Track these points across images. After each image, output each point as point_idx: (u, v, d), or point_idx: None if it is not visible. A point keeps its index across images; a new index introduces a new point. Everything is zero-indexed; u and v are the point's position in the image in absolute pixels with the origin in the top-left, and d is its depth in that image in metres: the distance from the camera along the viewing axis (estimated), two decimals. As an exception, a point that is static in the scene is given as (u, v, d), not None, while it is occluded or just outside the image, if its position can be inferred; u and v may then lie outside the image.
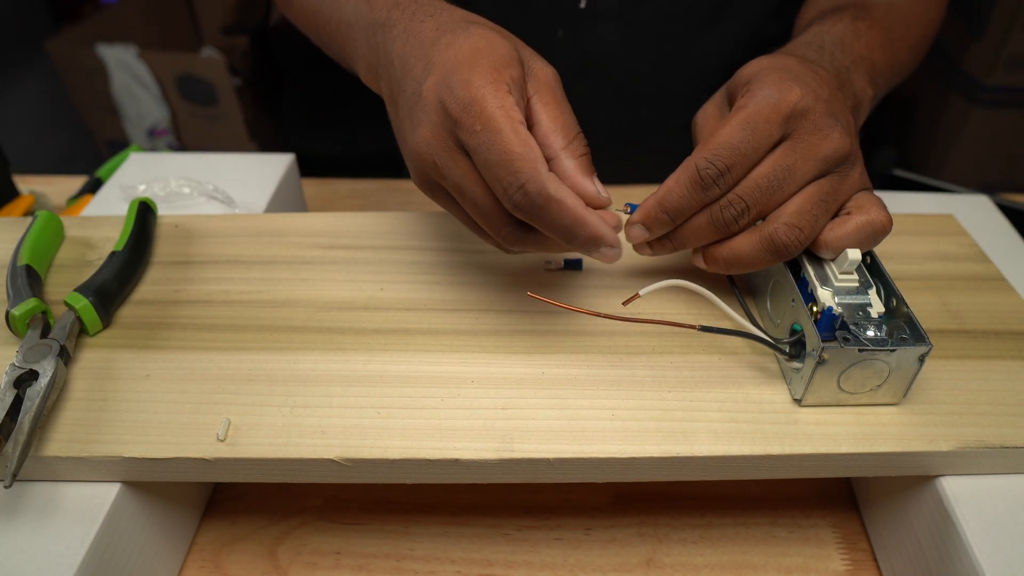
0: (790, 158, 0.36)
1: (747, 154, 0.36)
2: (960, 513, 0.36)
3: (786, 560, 0.43)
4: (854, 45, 0.47)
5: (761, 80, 0.37)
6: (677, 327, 0.37)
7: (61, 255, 0.48)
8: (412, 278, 0.46)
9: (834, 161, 0.37)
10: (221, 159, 0.62)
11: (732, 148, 0.36)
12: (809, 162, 0.37)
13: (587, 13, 0.60)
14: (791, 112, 0.36)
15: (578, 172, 0.36)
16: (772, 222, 0.37)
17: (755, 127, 0.36)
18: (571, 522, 0.45)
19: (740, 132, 0.36)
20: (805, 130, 0.37)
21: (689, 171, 0.36)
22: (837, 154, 0.37)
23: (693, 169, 0.36)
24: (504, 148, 0.33)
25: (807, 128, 0.37)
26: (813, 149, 0.37)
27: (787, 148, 0.37)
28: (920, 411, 0.38)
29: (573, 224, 0.34)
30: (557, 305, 0.37)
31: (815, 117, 0.37)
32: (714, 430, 0.37)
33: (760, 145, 0.36)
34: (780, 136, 0.37)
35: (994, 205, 0.59)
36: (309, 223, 0.51)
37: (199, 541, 0.44)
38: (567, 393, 0.39)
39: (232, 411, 0.37)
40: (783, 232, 0.36)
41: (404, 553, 0.43)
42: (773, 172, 0.36)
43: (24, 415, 0.35)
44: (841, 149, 0.37)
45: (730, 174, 0.36)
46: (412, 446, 0.36)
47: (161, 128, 1.84)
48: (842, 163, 0.38)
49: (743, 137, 0.36)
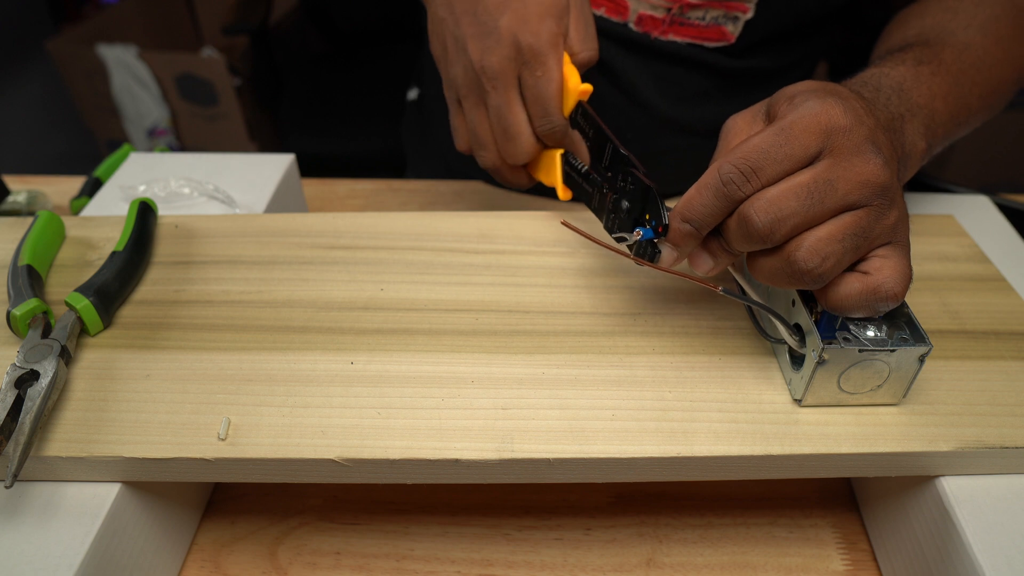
0: (832, 172, 0.33)
1: (778, 160, 0.33)
2: (960, 513, 0.36)
3: (786, 560, 0.43)
4: (912, 93, 0.44)
5: (805, 95, 0.35)
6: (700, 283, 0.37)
7: (62, 255, 0.48)
8: (412, 278, 0.46)
9: (874, 190, 0.33)
10: (221, 159, 0.62)
11: (762, 152, 0.33)
12: (851, 183, 0.33)
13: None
14: (831, 126, 0.33)
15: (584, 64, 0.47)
16: (795, 243, 0.33)
17: (791, 134, 0.33)
18: (571, 522, 0.45)
19: (773, 137, 0.33)
20: (847, 149, 0.33)
21: (711, 178, 0.34)
22: (878, 181, 0.33)
23: (715, 176, 0.34)
24: (551, 93, 0.44)
25: (848, 148, 0.33)
26: (855, 170, 0.33)
27: (829, 163, 0.33)
28: (920, 411, 0.38)
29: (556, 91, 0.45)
30: (588, 237, 0.38)
31: (857, 139, 0.33)
32: (714, 430, 0.37)
33: (794, 153, 0.33)
34: (818, 149, 0.33)
35: (994, 205, 0.59)
36: (309, 223, 0.51)
37: (199, 541, 0.44)
38: (567, 393, 0.39)
39: (232, 411, 0.37)
40: (803, 256, 0.33)
41: (404, 553, 0.43)
42: (814, 183, 0.33)
43: (25, 415, 0.35)
44: (882, 178, 0.33)
45: (756, 177, 0.33)
46: (412, 446, 0.36)
47: (161, 128, 1.84)
48: (881, 196, 0.34)
49: (776, 142, 0.33)
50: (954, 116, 0.47)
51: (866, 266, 0.35)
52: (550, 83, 0.44)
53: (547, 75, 0.44)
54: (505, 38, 0.44)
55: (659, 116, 0.65)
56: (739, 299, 0.38)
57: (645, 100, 0.64)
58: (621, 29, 0.60)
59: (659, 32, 0.60)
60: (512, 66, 0.44)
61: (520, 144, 0.46)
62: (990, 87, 0.50)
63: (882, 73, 0.45)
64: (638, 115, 0.65)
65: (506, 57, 0.44)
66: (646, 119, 0.65)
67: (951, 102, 0.46)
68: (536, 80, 0.44)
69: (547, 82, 0.44)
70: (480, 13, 0.45)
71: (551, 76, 0.44)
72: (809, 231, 0.33)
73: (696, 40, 0.61)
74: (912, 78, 0.45)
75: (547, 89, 0.44)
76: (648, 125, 0.66)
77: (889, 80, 0.44)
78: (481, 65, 0.45)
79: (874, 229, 0.34)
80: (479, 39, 0.45)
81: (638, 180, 0.39)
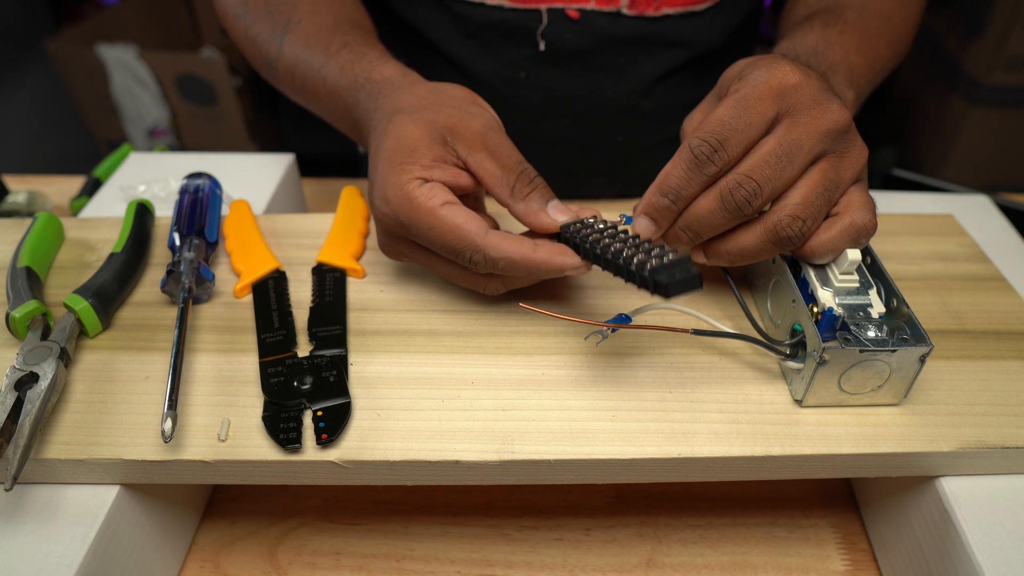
0: (794, 132, 0.36)
1: (740, 128, 0.35)
2: (960, 513, 0.36)
3: (786, 560, 0.43)
4: (827, 52, 0.47)
5: (751, 68, 0.37)
6: (671, 331, 0.37)
7: (60, 257, 0.48)
8: (412, 278, 0.46)
9: (836, 136, 0.36)
10: (221, 159, 0.62)
11: (723, 123, 0.35)
12: (813, 135, 0.36)
13: (547, 55, 0.61)
14: (783, 87, 0.36)
15: (529, 213, 0.39)
16: (776, 213, 0.36)
17: (747, 104, 0.36)
18: (571, 522, 0.45)
19: (731, 109, 0.36)
20: (803, 104, 0.36)
21: (683, 153, 0.36)
22: (839, 126, 0.36)
23: (686, 150, 0.36)
24: (439, 239, 0.38)
25: (804, 102, 0.36)
26: (815, 122, 0.36)
27: (789, 123, 0.36)
28: (921, 411, 0.38)
29: (527, 269, 0.38)
30: (550, 315, 0.37)
31: (811, 91, 0.36)
32: (715, 431, 0.37)
33: (753, 121, 0.36)
34: (775, 113, 0.36)
35: (994, 205, 0.59)
36: (309, 223, 0.51)
37: (199, 541, 0.44)
38: (567, 394, 0.39)
39: (232, 413, 0.37)
40: (787, 224, 0.36)
41: (404, 553, 0.43)
42: (780, 147, 0.35)
43: (25, 418, 0.34)
44: (841, 121, 0.36)
45: (724, 149, 0.35)
46: (412, 448, 0.36)
47: (161, 128, 1.84)
48: (843, 140, 0.37)
49: (734, 113, 0.36)
50: (870, 66, 0.51)
51: (838, 208, 0.38)
52: (428, 232, 0.38)
53: (418, 225, 0.38)
54: (376, 218, 0.41)
55: (650, 110, 0.66)
56: (712, 336, 0.39)
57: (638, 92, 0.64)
58: (614, 19, 0.60)
59: (653, 9, 0.60)
60: (395, 239, 0.42)
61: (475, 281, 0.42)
62: (895, 35, 0.55)
63: (795, 43, 0.48)
64: (630, 111, 0.66)
65: (387, 234, 0.42)
66: (637, 115, 0.66)
67: (864, 54, 0.50)
68: (418, 239, 0.40)
69: (425, 232, 0.39)
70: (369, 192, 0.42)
71: (424, 224, 0.38)
72: (786, 197, 0.36)
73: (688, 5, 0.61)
74: (823, 41, 0.48)
75: (433, 239, 0.39)
76: (638, 120, 0.66)
77: (803, 47, 0.47)
78: (382, 246, 0.43)
79: (842, 176, 0.37)
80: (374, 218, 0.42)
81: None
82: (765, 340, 0.38)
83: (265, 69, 0.56)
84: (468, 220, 0.38)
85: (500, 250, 0.38)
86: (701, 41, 0.63)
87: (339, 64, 0.49)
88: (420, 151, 0.39)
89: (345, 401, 0.37)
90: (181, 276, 0.42)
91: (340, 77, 0.48)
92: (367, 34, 0.53)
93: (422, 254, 0.41)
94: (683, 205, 0.37)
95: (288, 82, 0.54)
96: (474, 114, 0.41)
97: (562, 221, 0.39)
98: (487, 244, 0.38)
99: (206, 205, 0.49)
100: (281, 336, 0.41)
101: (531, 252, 0.38)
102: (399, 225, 0.39)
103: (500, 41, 0.62)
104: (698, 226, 0.37)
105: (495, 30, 0.61)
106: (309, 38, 0.52)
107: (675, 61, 0.64)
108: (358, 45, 0.50)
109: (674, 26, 0.62)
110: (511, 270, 0.38)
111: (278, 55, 0.53)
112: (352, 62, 0.48)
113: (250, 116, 1.84)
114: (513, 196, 0.39)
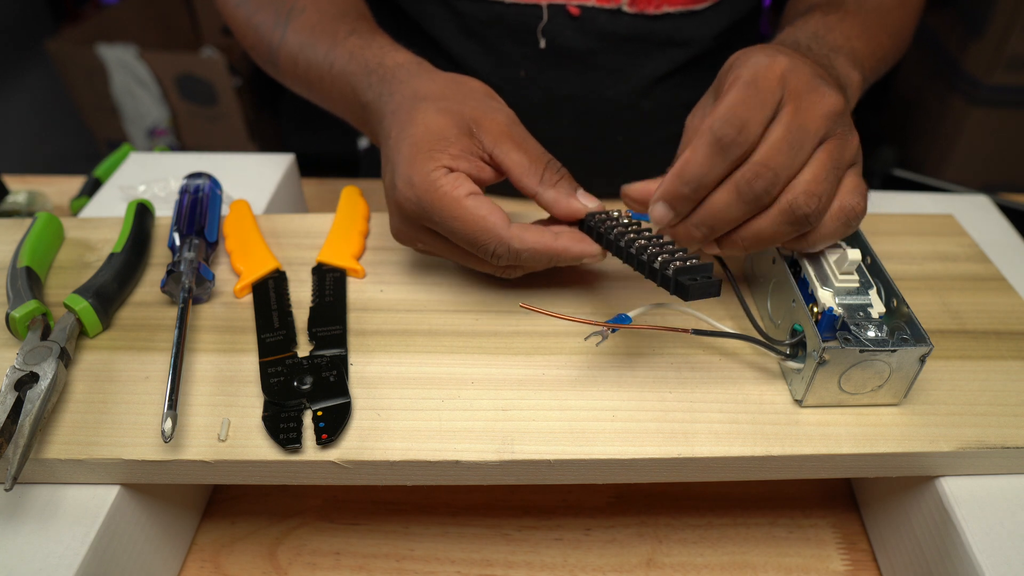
0: (799, 117, 0.35)
1: (757, 108, 0.35)
2: (960, 513, 0.36)
3: (786, 560, 0.43)
4: (828, 37, 0.47)
5: (747, 56, 0.37)
6: (671, 331, 0.37)
7: (60, 257, 0.48)
8: (412, 278, 0.46)
9: (835, 119, 0.36)
10: (221, 159, 0.62)
11: (742, 103, 0.34)
12: (817, 119, 0.36)
13: (547, 53, 0.61)
14: (783, 72, 0.36)
15: (559, 200, 0.41)
16: (790, 192, 0.36)
17: (758, 86, 0.35)
18: (571, 522, 0.45)
19: (743, 92, 0.35)
20: (800, 89, 0.36)
21: (704, 138, 0.35)
22: (837, 109, 0.36)
23: (709, 133, 0.35)
24: (462, 229, 0.38)
25: (803, 88, 0.36)
26: (816, 106, 0.36)
27: (792, 108, 0.35)
28: (921, 411, 0.38)
29: (549, 258, 0.40)
30: (550, 315, 0.37)
31: (805, 77, 0.36)
32: (715, 431, 0.37)
33: (767, 101, 0.35)
34: (778, 99, 0.35)
35: (994, 205, 0.59)
36: (309, 223, 0.51)
37: (199, 541, 0.44)
38: (567, 394, 0.39)
39: (232, 413, 0.37)
40: (803, 201, 0.35)
41: (404, 553, 0.43)
42: (789, 132, 0.35)
43: (25, 418, 0.34)
44: (839, 104, 0.36)
45: (747, 130, 0.34)
46: (412, 448, 0.36)
47: (161, 128, 1.84)
48: (842, 123, 0.37)
49: (747, 95, 0.35)
50: (872, 53, 0.50)
51: None
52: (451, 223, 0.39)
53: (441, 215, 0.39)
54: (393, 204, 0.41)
55: (650, 110, 0.66)
56: (712, 336, 0.39)
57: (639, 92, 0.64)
58: (615, 17, 0.60)
59: (653, 7, 0.60)
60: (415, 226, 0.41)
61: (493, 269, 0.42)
62: (895, 27, 0.55)
63: (795, 31, 0.48)
64: (630, 111, 0.66)
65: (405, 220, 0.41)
66: (637, 115, 0.66)
67: (866, 41, 0.50)
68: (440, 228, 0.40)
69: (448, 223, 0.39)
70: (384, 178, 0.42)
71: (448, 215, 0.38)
72: (797, 179, 0.36)
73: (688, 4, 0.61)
74: (824, 26, 0.48)
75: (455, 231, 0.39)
76: (638, 120, 0.66)
77: (804, 33, 0.47)
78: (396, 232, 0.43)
79: (844, 156, 0.37)
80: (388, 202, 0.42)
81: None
82: (765, 340, 0.38)
83: (266, 56, 0.56)
84: (492, 212, 0.39)
85: (524, 242, 0.39)
86: (701, 40, 0.63)
87: (348, 49, 0.49)
88: (449, 140, 0.40)
89: (345, 401, 0.37)
90: (181, 276, 0.42)
91: (349, 62, 0.48)
92: (372, 23, 0.53)
93: (440, 243, 0.42)
94: (703, 194, 0.36)
95: (290, 70, 0.54)
96: (496, 108, 0.42)
97: (591, 208, 0.41)
98: (511, 236, 0.39)
99: (206, 205, 0.49)
100: (281, 336, 0.41)
101: (553, 241, 0.40)
102: (420, 211, 0.39)
103: (500, 39, 0.62)
104: (713, 221, 0.36)
105: (496, 27, 0.61)
106: (315, 25, 0.52)
107: (675, 61, 0.64)
108: (366, 32, 0.50)
109: (674, 25, 0.62)
110: (532, 260, 0.40)
111: (281, 42, 0.53)
112: (362, 47, 0.48)
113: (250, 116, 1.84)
114: (542, 184, 0.40)
